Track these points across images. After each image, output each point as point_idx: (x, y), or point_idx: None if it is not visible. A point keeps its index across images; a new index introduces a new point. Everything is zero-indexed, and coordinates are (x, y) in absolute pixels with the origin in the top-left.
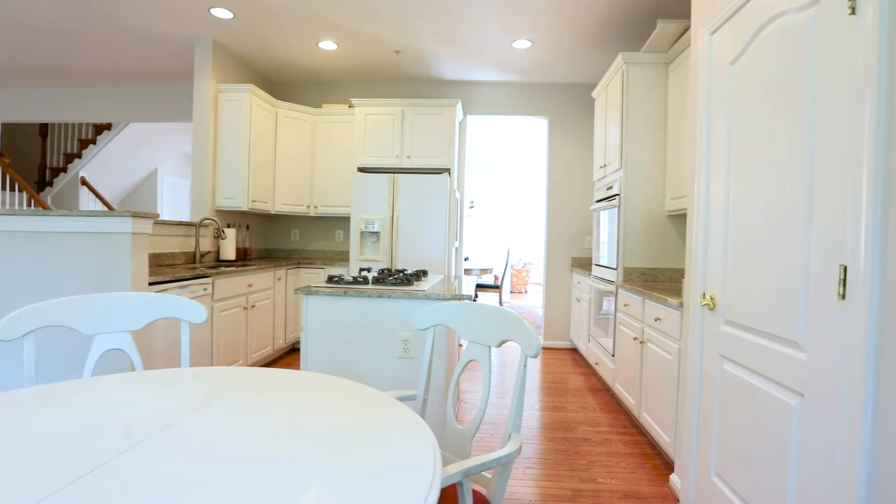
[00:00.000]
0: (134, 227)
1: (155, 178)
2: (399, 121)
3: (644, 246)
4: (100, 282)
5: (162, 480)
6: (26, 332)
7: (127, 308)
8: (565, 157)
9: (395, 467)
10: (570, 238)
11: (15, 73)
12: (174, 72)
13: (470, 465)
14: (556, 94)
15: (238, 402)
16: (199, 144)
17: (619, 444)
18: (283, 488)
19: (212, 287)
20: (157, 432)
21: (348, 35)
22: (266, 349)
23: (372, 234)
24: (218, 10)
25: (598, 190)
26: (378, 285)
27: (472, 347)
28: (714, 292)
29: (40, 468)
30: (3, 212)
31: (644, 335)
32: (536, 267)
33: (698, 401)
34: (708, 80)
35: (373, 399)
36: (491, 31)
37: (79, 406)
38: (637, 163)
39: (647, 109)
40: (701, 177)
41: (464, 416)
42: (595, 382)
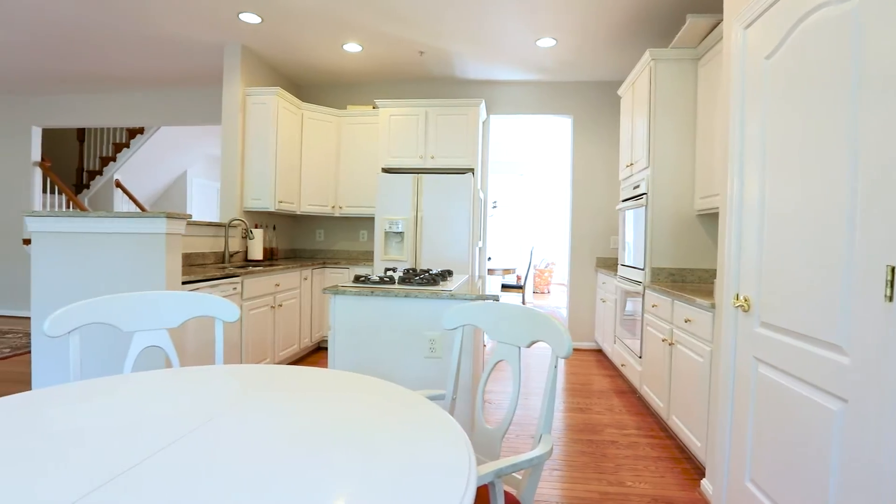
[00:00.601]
0: (168, 228)
1: (185, 180)
2: (423, 121)
3: (672, 246)
4: (136, 280)
5: (202, 476)
6: (72, 328)
7: (164, 306)
8: (590, 156)
9: (430, 467)
10: (594, 238)
11: (55, 81)
12: (203, 76)
13: (502, 465)
14: (580, 93)
15: (273, 399)
16: (227, 147)
17: (646, 447)
18: (319, 487)
19: (241, 286)
20: (196, 428)
21: (372, 37)
22: (292, 348)
23: (396, 234)
24: (246, 15)
25: (625, 189)
26: (404, 285)
27: (501, 348)
28: (748, 293)
29: (86, 462)
30: (48, 213)
31: (673, 337)
32: (559, 267)
33: (731, 404)
34: (741, 76)
35: (404, 398)
36: (515, 31)
37: (122, 401)
38: (665, 161)
39: (676, 106)
40: (734, 174)
41: (489, 416)
42: (621, 384)
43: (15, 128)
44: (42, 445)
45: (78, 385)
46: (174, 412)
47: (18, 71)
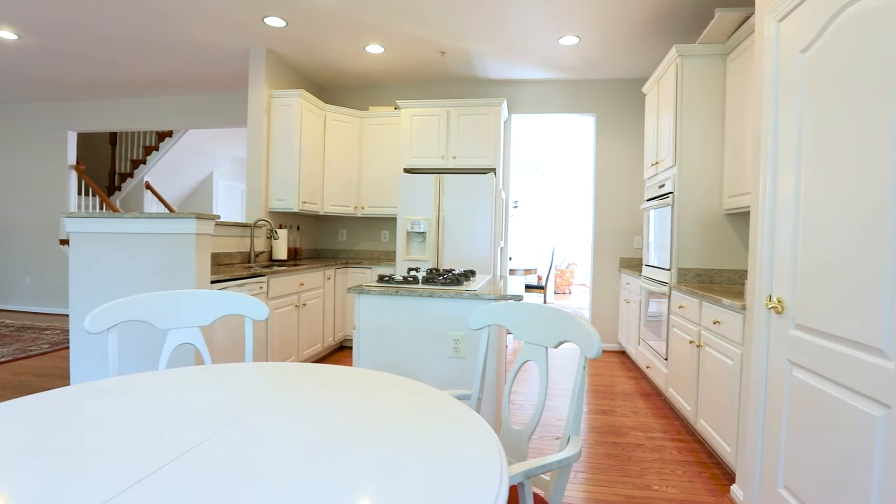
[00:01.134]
0: (198, 228)
1: (211, 181)
2: (444, 121)
3: (699, 246)
4: (167, 279)
5: (237, 473)
6: (110, 325)
7: (196, 305)
8: (613, 155)
9: (461, 466)
10: (617, 238)
11: (89, 87)
12: (229, 80)
13: (531, 466)
14: (603, 91)
15: (304, 396)
16: (253, 148)
17: (673, 450)
18: (353, 485)
19: (266, 286)
20: (231, 424)
21: (394, 38)
22: (316, 346)
23: (418, 234)
24: (272, 19)
25: (649, 188)
26: (428, 285)
27: (527, 348)
28: (782, 294)
29: (126, 457)
30: (85, 214)
31: (701, 339)
32: (581, 267)
33: (763, 409)
34: (775, 70)
35: (432, 397)
36: (537, 29)
37: (160, 397)
38: (692, 159)
39: (703, 103)
40: (767, 172)
41: (512, 417)
42: (646, 386)
43: (52, 133)
44: (84, 440)
45: (117, 380)
46: (211, 408)
47: (56, 78)
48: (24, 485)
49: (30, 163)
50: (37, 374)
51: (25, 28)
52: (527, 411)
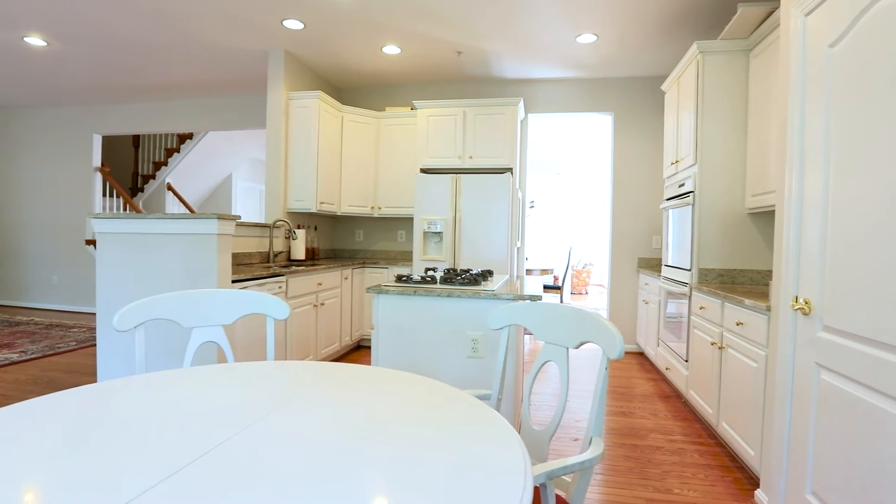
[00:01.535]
0: (219, 229)
1: (230, 182)
2: (461, 121)
3: (721, 246)
4: (189, 278)
5: (262, 470)
6: (137, 323)
7: (220, 304)
8: (631, 154)
9: (485, 466)
10: (635, 237)
11: (113, 91)
12: (247, 82)
13: (554, 467)
14: (621, 89)
15: (327, 394)
16: (272, 150)
17: (694, 454)
18: (375, 486)
19: (286, 285)
20: (256, 421)
21: (411, 38)
22: (334, 346)
23: (435, 234)
24: (290, 21)
25: (669, 187)
26: (446, 285)
27: (548, 348)
28: (809, 296)
29: (156, 453)
30: (112, 215)
31: (723, 340)
32: (597, 267)
33: (789, 412)
34: (801, 66)
35: (453, 397)
36: (554, 27)
37: (188, 394)
38: (713, 158)
39: (725, 101)
40: (793, 170)
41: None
42: (665, 388)
43: (78, 136)
44: (114, 436)
45: (145, 377)
46: (236, 406)
47: (82, 83)
48: (54, 480)
49: (57, 165)
50: (65, 371)
51: (54, 35)
52: (543, 412)
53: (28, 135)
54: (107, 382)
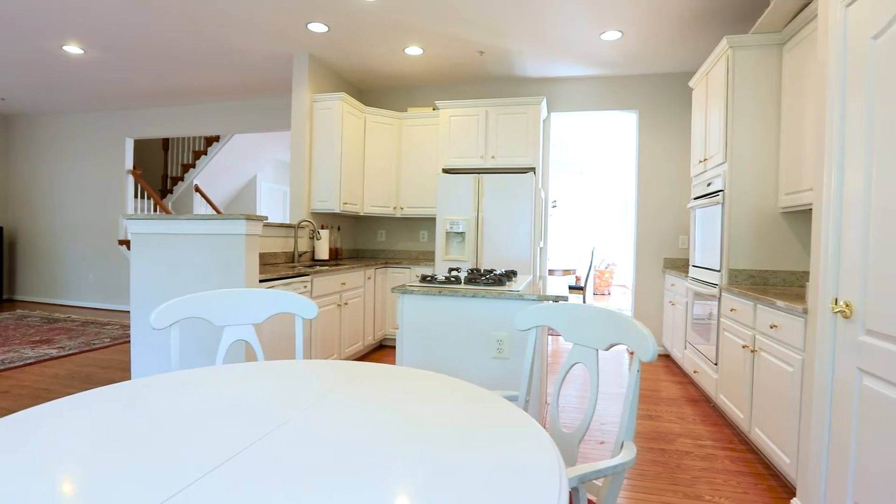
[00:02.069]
0: (247, 229)
1: (255, 183)
2: (483, 121)
3: (752, 246)
4: (218, 278)
5: (296, 468)
6: (173, 321)
7: (251, 303)
8: (656, 153)
9: (518, 469)
10: (661, 238)
11: (145, 96)
12: (272, 85)
13: (586, 470)
14: (646, 86)
15: (356, 394)
16: (296, 151)
17: (725, 460)
18: (410, 483)
19: (311, 285)
20: (288, 420)
21: (433, 39)
22: (357, 345)
23: (457, 234)
24: (315, 24)
25: (697, 186)
26: (471, 285)
27: (576, 350)
28: (850, 298)
29: (193, 449)
30: (145, 216)
31: (756, 343)
32: (620, 268)
33: (829, 419)
34: (842, 58)
35: (483, 397)
36: (578, 25)
37: (223, 391)
38: (744, 156)
39: (757, 96)
40: (832, 167)
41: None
42: (693, 392)
43: (111, 140)
44: (152, 433)
45: (180, 374)
46: (270, 404)
47: (115, 89)
48: (95, 476)
49: (92, 168)
50: (100, 367)
51: (91, 43)
52: (567, 413)
53: (66, 139)
54: (145, 379)
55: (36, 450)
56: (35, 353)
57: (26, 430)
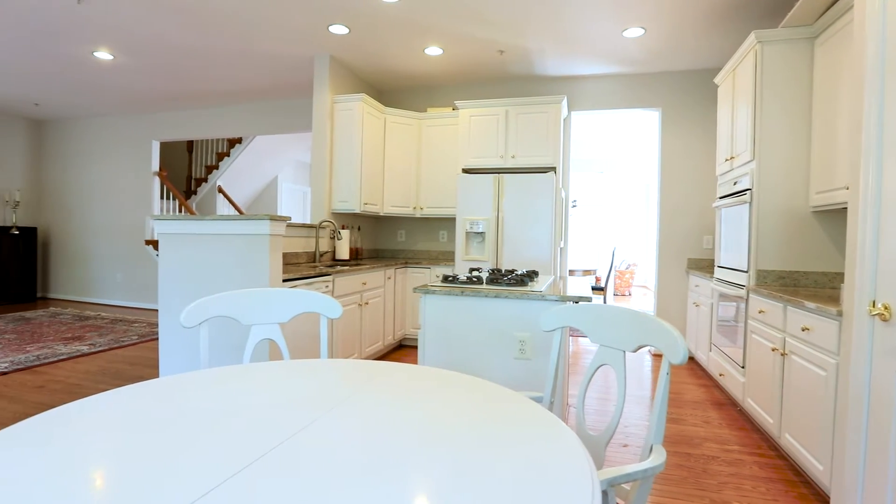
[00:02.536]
0: (271, 230)
1: (275, 184)
2: (503, 121)
3: (782, 246)
4: (243, 277)
5: (326, 467)
6: (202, 320)
7: (277, 302)
8: (680, 151)
9: (549, 472)
10: (685, 237)
11: (171, 99)
12: (293, 87)
13: (616, 474)
14: (669, 84)
15: (383, 393)
16: (317, 152)
17: (753, 465)
18: (442, 484)
19: (332, 284)
20: (318, 418)
21: (453, 39)
22: (377, 344)
23: (477, 234)
24: (336, 27)
25: (723, 185)
26: (493, 285)
27: (603, 352)
28: (889, 300)
29: (225, 447)
30: (173, 217)
31: (786, 346)
32: (641, 268)
33: (866, 426)
34: (880, 50)
35: (510, 398)
36: (600, 22)
37: (252, 390)
38: (773, 153)
39: (786, 92)
40: (869, 163)
41: (576, 422)
42: (718, 395)
43: (138, 142)
44: (186, 430)
45: (210, 372)
46: (300, 401)
47: (142, 92)
48: (126, 473)
49: (120, 171)
50: (129, 363)
51: (120, 49)
52: (588, 416)
53: (95, 143)
54: (179, 376)
55: (73, 445)
56: (67, 350)
57: (64, 423)
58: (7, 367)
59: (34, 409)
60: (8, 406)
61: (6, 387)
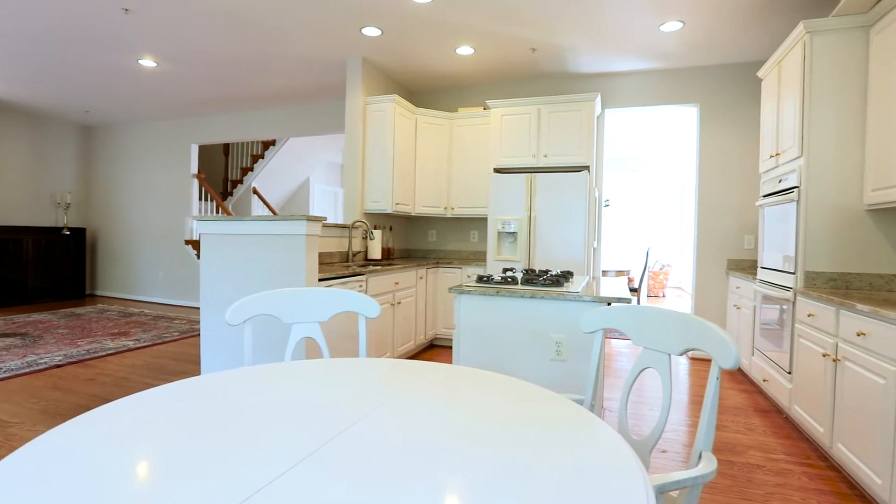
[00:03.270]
0: (308, 230)
1: (307, 185)
2: (535, 119)
3: (832, 247)
4: (280, 276)
5: (373, 466)
6: (246, 318)
7: (317, 301)
8: (719, 148)
9: (600, 475)
10: (724, 237)
11: (208, 104)
12: (325, 90)
13: (666, 480)
14: (708, 79)
15: (424, 393)
16: (350, 153)
17: (801, 476)
18: (490, 485)
19: (366, 284)
20: (364, 417)
21: (485, 38)
22: (409, 344)
23: (509, 234)
24: (368, 29)
25: (767, 183)
26: (528, 286)
27: (647, 355)
28: None
29: (274, 445)
30: (214, 217)
31: (838, 352)
32: (675, 269)
33: None
34: None
35: (553, 401)
36: (637, 17)
37: (298, 386)
38: (823, 149)
39: (838, 84)
40: None
41: (613, 426)
42: (761, 402)
43: (178, 146)
44: (235, 427)
45: (255, 370)
46: (344, 400)
47: (182, 98)
48: (171, 471)
49: (162, 173)
50: (171, 359)
51: (162, 56)
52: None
53: (138, 147)
54: (227, 372)
55: (131, 440)
56: (115, 345)
57: (120, 417)
58: (61, 360)
59: (86, 400)
60: (63, 397)
61: (61, 379)
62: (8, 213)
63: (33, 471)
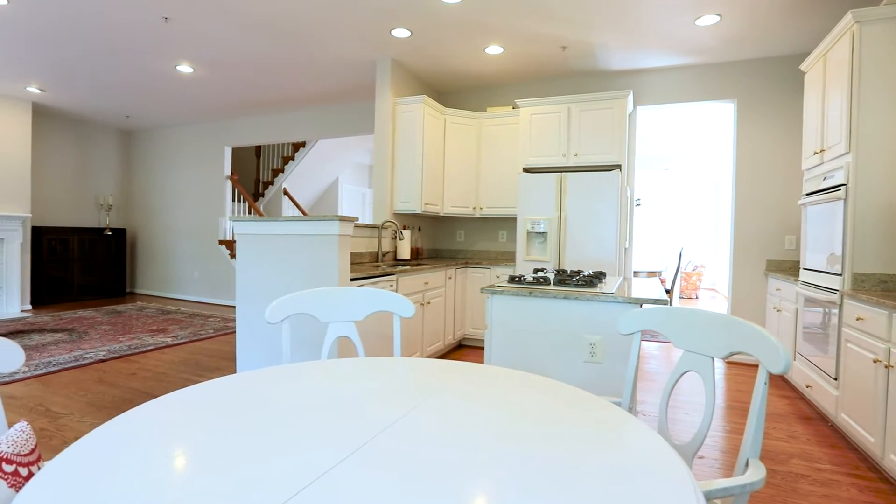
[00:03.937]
0: (340, 230)
1: (336, 186)
2: (565, 118)
3: (883, 247)
4: (313, 276)
5: (417, 462)
6: (284, 317)
7: (353, 301)
8: (758, 145)
9: (648, 479)
10: (763, 237)
11: (241, 107)
12: (355, 91)
13: (713, 487)
14: (746, 73)
15: (462, 392)
16: (379, 154)
17: (850, 488)
18: (532, 487)
19: (396, 284)
20: (406, 414)
21: (515, 37)
22: (437, 344)
23: (538, 234)
24: (398, 30)
25: (810, 181)
26: (561, 286)
27: (688, 357)
28: None
29: (318, 441)
30: (250, 218)
31: (891, 358)
32: (709, 270)
33: None
34: None
35: (594, 403)
36: (672, 12)
37: (339, 384)
38: (874, 145)
39: (890, 76)
40: None
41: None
42: (804, 409)
43: (212, 148)
44: (280, 423)
45: (295, 367)
46: (383, 398)
47: (217, 101)
48: (231, 461)
49: (197, 175)
50: (207, 355)
51: (199, 62)
52: (656, 423)
53: (174, 150)
54: (269, 369)
55: (177, 436)
56: (154, 341)
57: (165, 412)
58: (105, 355)
59: (129, 393)
60: (107, 391)
61: (105, 373)
62: (56, 215)
63: (92, 463)
